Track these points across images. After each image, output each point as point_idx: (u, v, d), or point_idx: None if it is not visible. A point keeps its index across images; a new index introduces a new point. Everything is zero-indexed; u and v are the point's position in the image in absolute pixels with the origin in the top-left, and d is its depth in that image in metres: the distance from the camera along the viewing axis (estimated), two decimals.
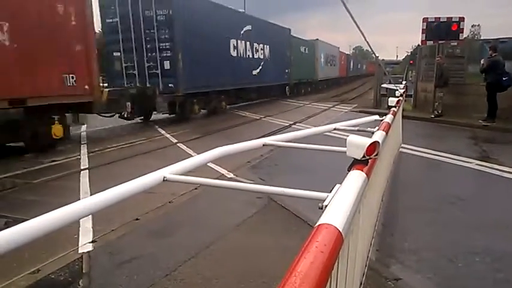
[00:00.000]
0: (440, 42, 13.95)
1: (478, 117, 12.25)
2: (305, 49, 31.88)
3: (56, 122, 9.64)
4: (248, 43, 20.07)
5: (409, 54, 49.44)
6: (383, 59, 55.05)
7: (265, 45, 22.27)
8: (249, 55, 20.38)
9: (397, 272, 3.53)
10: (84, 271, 3.60)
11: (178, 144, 10.18)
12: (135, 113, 13.29)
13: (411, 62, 27.88)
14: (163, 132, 12.50)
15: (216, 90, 16.92)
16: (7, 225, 4.73)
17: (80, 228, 4.46)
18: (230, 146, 2.61)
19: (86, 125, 12.75)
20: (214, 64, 16.39)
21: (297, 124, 13.81)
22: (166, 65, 13.96)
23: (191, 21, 14.33)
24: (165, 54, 13.93)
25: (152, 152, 9.37)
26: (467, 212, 5.12)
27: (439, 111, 13.68)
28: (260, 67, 21.68)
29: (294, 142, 3.01)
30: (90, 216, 4.22)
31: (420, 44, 15.08)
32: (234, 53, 18.71)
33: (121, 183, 1.83)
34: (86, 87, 10.15)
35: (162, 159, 8.20)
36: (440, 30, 13.69)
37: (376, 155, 1.98)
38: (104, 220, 4.61)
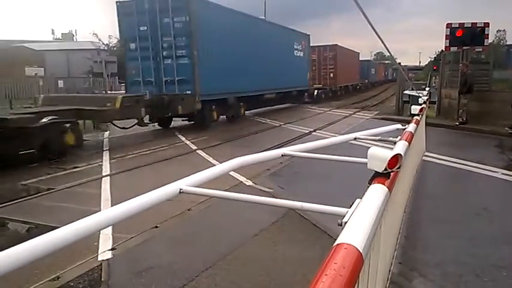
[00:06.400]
0: (464, 48, 13.61)
1: (504, 124, 11.91)
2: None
3: None
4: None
5: (432, 59, 48.63)
6: (405, 65, 54.37)
7: None
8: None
9: (419, 286, 3.42)
10: (102, 279, 3.61)
11: (197, 151, 10.23)
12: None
13: (434, 67, 27.36)
14: (183, 138, 12.58)
15: None
16: (29, 232, 4.84)
17: (100, 235, 4.49)
18: (248, 156, 2.57)
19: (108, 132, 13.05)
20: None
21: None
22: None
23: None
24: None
25: (173, 158, 9.44)
26: (494, 224, 4.94)
27: (464, 119, 13.35)
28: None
29: (314, 152, 2.94)
30: None
31: (444, 50, 14.75)
32: None
33: (140, 192, 1.85)
34: None
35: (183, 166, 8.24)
36: (464, 36, 13.36)
37: (399, 167, 1.91)
38: (123, 227, 4.61)
